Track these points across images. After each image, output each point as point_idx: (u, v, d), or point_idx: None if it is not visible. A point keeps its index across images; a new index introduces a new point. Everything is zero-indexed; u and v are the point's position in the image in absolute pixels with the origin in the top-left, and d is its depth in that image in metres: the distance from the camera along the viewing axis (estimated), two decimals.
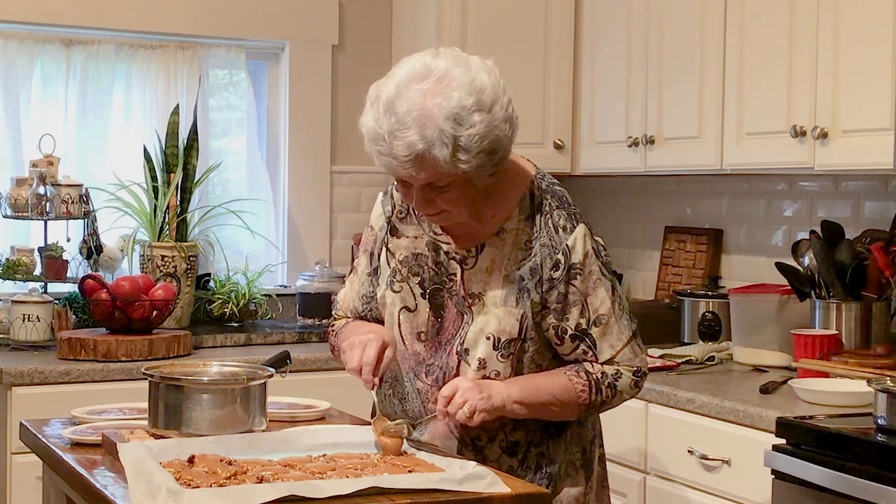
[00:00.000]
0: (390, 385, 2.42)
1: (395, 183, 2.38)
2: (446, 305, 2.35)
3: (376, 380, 2.26)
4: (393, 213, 2.45)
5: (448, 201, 2.24)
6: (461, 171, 2.17)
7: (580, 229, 2.31)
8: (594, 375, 2.31)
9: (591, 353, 2.32)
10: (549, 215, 2.32)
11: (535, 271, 2.29)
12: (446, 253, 2.37)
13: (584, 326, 2.30)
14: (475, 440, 2.33)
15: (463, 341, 2.31)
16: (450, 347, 2.33)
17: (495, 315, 2.29)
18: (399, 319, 2.38)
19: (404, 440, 2.21)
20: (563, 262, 2.29)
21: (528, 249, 2.31)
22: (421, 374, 2.36)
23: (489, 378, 2.29)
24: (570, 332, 2.31)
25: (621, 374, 2.33)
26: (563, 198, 2.35)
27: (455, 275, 2.35)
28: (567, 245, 2.29)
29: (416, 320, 2.37)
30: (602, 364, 2.32)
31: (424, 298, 2.37)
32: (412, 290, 2.38)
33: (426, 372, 2.36)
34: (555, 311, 2.30)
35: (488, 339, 2.29)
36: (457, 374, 2.31)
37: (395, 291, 2.40)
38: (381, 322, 2.44)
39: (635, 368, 2.35)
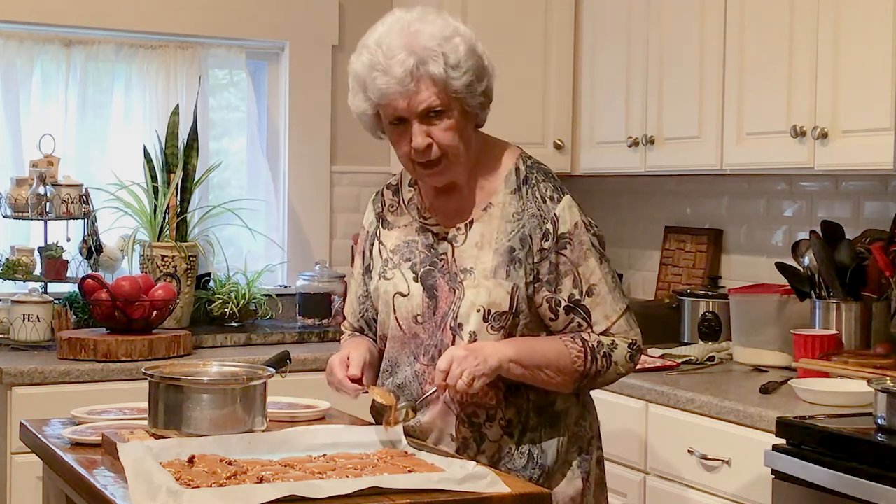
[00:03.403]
0: (390, 374, 2.45)
1: (388, 183, 2.50)
2: (438, 285, 2.38)
3: (357, 387, 2.35)
4: (384, 208, 2.52)
5: (445, 136, 2.29)
6: (454, 89, 2.27)
7: (566, 199, 2.37)
8: (590, 343, 2.33)
9: (585, 325, 2.35)
10: (535, 187, 2.38)
11: (525, 241, 2.33)
12: (435, 234, 2.42)
13: (578, 297, 2.34)
14: (472, 416, 2.34)
15: (456, 316, 2.34)
16: (444, 324, 2.36)
17: (485, 287, 2.33)
18: (394, 306, 2.42)
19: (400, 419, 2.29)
20: (552, 231, 2.33)
21: (517, 220, 2.35)
22: (420, 356, 2.39)
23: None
24: (564, 303, 2.34)
25: (617, 344, 2.36)
26: (548, 172, 2.43)
27: (446, 254, 2.39)
28: (555, 214, 2.34)
29: (410, 304, 2.40)
30: (598, 335, 2.35)
31: (416, 282, 2.40)
32: (404, 276, 2.42)
33: (423, 353, 2.38)
34: (547, 283, 2.33)
35: (479, 311, 2.32)
36: None
37: (387, 279, 2.44)
38: (377, 318, 2.48)
39: (631, 341, 2.38)
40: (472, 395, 2.30)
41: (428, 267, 2.40)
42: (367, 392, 2.37)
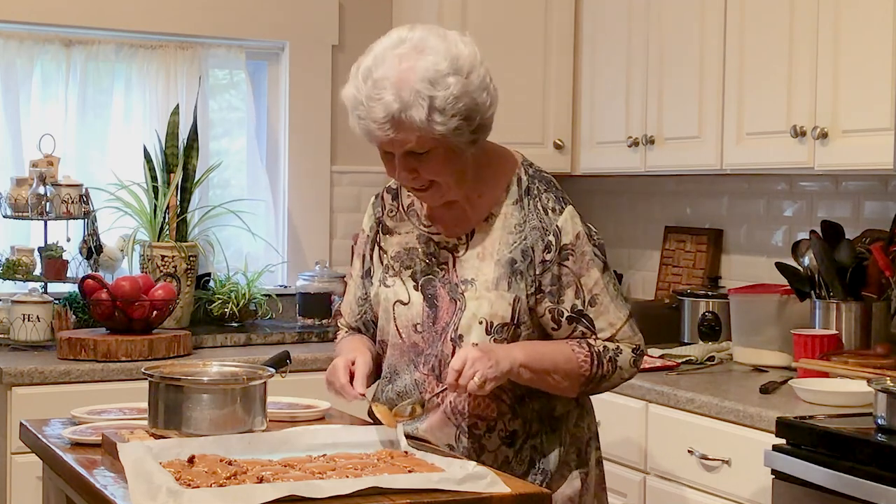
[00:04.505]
0: (389, 380, 2.44)
1: (387, 186, 2.48)
2: (439, 295, 2.37)
3: (361, 391, 2.31)
4: (384, 213, 2.50)
5: (430, 171, 2.27)
6: (437, 134, 2.20)
7: (568, 210, 2.35)
8: (596, 348, 2.34)
9: (590, 333, 2.35)
10: (537, 198, 2.36)
11: (527, 253, 2.32)
12: (437, 243, 2.41)
13: (580, 307, 2.33)
14: (472, 428, 2.34)
15: (457, 327, 2.33)
16: (444, 335, 2.35)
17: (487, 299, 2.32)
18: (394, 314, 2.41)
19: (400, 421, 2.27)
20: (554, 243, 2.32)
21: (519, 232, 2.34)
22: (419, 365, 2.39)
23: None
24: (566, 314, 2.33)
25: (621, 350, 2.36)
26: (550, 182, 2.40)
27: (446, 264, 2.38)
28: (557, 226, 2.33)
29: (410, 313, 2.39)
30: (603, 340, 2.35)
31: (417, 290, 2.39)
32: (404, 284, 2.41)
33: (423, 362, 2.38)
34: (550, 295, 2.32)
35: (481, 323, 2.32)
36: None
37: (387, 286, 2.43)
38: (375, 321, 2.47)
39: (634, 346, 2.39)
40: (475, 399, 2.30)
41: (429, 276, 2.39)
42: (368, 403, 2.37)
